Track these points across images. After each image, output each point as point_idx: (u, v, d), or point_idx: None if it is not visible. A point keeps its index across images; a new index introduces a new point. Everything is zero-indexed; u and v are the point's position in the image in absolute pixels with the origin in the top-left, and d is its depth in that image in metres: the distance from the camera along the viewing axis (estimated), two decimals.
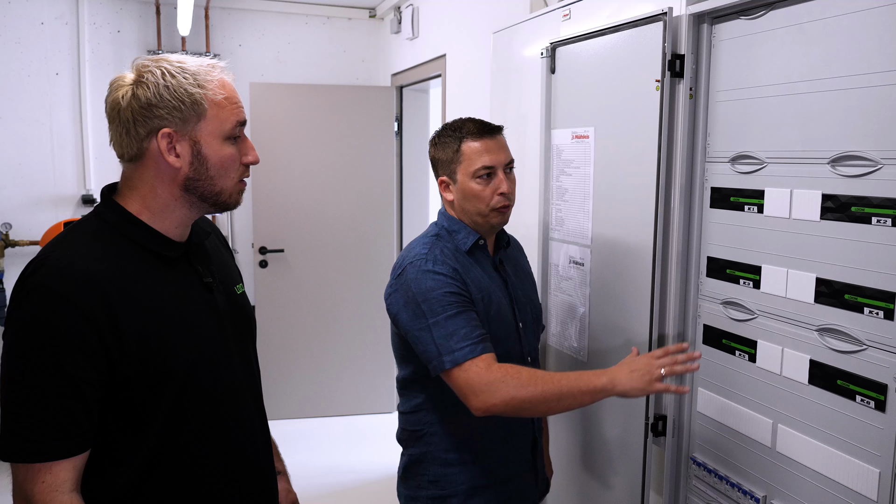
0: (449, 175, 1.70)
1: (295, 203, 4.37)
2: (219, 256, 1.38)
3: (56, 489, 1.08)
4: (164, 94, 1.15)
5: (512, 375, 1.47)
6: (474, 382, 1.48)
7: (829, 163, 1.32)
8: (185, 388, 1.19)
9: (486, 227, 1.70)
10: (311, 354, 4.47)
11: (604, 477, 2.02)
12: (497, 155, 1.66)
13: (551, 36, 2.13)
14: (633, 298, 1.83)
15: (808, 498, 1.40)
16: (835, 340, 1.33)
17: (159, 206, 1.21)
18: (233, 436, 1.28)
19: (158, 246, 1.21)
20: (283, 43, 4.60)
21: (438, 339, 1.52)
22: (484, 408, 1.47)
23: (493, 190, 1.66)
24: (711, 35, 1.60)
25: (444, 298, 1.55)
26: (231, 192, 1.24)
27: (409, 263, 1.62)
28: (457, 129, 1.69)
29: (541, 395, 1.45)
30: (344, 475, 3.78)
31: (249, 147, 1.26)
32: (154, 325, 1.15)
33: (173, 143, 1.17)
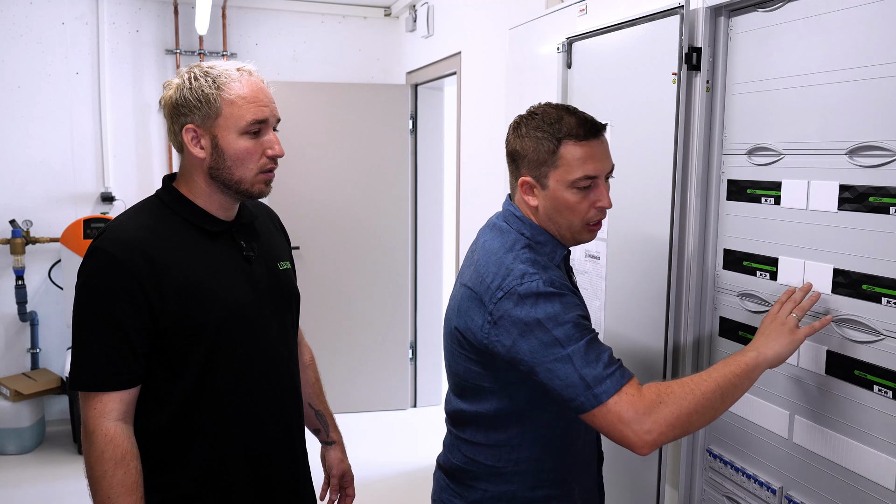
0: (537, 178, 1.41)
1: (310, 201, 4.41)
2: (267, 236, 1.57)
3: (104, 416, 1.30)
4: (187, 95, 1.36)
5: (665, 391, 1.25)
6: (630, 412, 1.23)
7: (847, 153, 1.32)
8: (216, 340, 1.37)
9: (573, 241, 1.46)
10: (326, 351, 4.49)
11: (617, 470, 2.03)
12: (602, 162, 1.39)
13: (567, 31, 2.14)
14: (649, 291, 1.84)
15: (825, 489, 1.40)
16: (852, 331, 1.33)
17: (199, 191, 1.42)
18: (265, 396, 1.45)
19: (203, 221, 1.41)
20: (298, 42, 4.63)
21: (582, 370, 1.26)
22: (651, 439, 1.23)
23: (592, 203, 1.40)
24: (728, 28, 1.60)
25: (579, 322, 1.30)
26: (252, 181, 1.40)
27: (517, 285, 1.32)
28: (554, 123, 1.40)
29: (702, 399, 1.24)
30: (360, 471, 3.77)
31: (272, 141, 1.40)
32: (190, 285, 1.34)
33: (198, 136, 1.37)
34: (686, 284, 1.72)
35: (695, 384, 1.26)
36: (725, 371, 1.28)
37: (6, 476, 3.68)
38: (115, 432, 1.29)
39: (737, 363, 1.29)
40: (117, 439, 1.29)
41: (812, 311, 1.41)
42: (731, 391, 1.27)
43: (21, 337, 4.21)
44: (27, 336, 4.21)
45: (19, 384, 3.95)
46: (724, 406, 1.28)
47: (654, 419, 1.23)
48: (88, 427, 1.30)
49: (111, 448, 1.28)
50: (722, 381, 1.26)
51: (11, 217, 4.09)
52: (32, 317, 4.17)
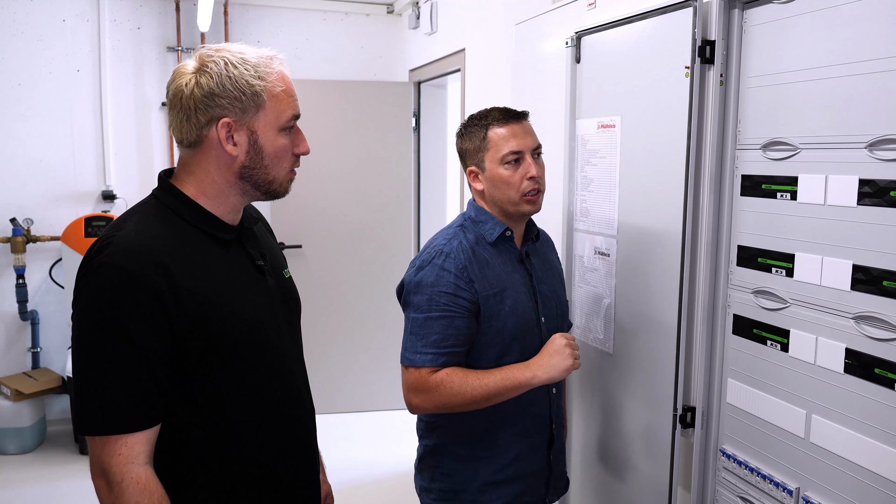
0: (477, 164, 1.69)
1: (313, 199, 4.38)
2: (267, 241, 1.43)
3: (131, 461, 1.12)
4: (227, 84, 1.18)
5: (446, 384, 1.57)
6: (414, 386, 1.60)
7: (867, 147, 1.29)
8: (238, 367, 1.23)
9: (518, 215, 1.68)
10: (329, 350, 4.47)
11: (628, 472, 2.00)
12: (524, 139, 1.65)
13: (575, 26, 2.11)
14: (660, 289, 1.81)
15: (844, 489, 1.38)
16: (872, 328, 1.30)
17: (214, 192, 1.25)
18: (284, 416, 1.33)
19: (214, 228, 1.25)
20: (301, 39, 4.60)
21: (410, 336, 1.62)
22: (418, 409, 1.62)
23: (522, 175, 1.64)
24: (742, 20, 1.57)
25: (435, 298, 1.59)
26: (283, 181, 1.29)
27: (426, 252, 1.66)
28: (482, 118, 1.69)
29: (469, 401, 1.57)
30: (360, 471, 3.78)
31: (302, 138, 1.30)
32: (213, 303, 1.19)
33: (232, 132, 1.21)
34: (698, 281, 1.70)
35: (471, 386, 1.56)
36: (500, 384, 1.56)
37: (7, 476, 3.65)
38: (147, 478, 1.13)
39: (513, 379, 1.57)
40: (151, 485, 1.13)
41: (829, 308, 1.38)
42: (497, 399, 1.58)
43: (22, 336, 4.18)
44: (28, 335, 4.18)
45: (20, 383, 3.92)
46: (487, 405, 1.59)
47: (423, 398, 1.59)
48: (114, 476, 1.11)
49: (147, 497, 1.12)
50: (493, 391, 1.56)
51: (12, 215, 4.06)
52: (33, 316, 4.14)
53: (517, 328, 1.65)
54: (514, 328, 1.65)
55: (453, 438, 1.70)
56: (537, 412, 1.73)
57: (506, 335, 1.64)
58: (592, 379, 2.13)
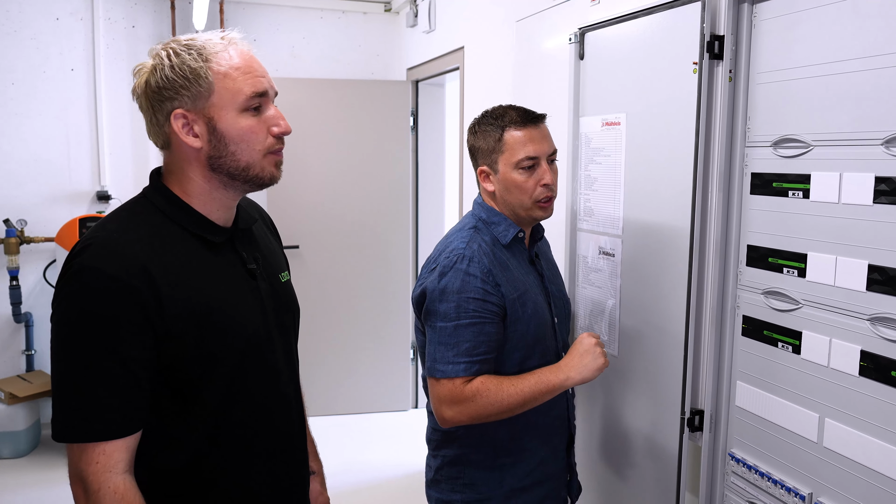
0: (490, 165, 1.64)
1: (310, 199, 4.34)
2: (266, 242, 1.37)
3: (109, 470, 1.08)
4: (170, 74, 1.12)
5: (482, 393, 1.50)
6: (448, 398, 1.52)
7: (883, 144, 1.26)
8: (234, 373, 1.18)
9: (528, 220, 1.65)
10: (327, 352, 4.43)
11: (635, 476, 1.97)
12: (541, 145, 1.60)
13: (578, 21, 2.08)
14: (667, 290, 1.77)
15: (859, 495, 1.34)
16: (889, 330, 1.27)
17: (196, 191, 1.19)
18: (275, 424, 1.28)
19: (204, 230, 1.19)
20: (298, 38, 4.56)
21: (439, 346, 1.52)
22: (451, 422, 1.54)
23: (537, 181, 1.60)
24: (752, 15, 1.54)
25: (464, 304, 1.52)
26: (261, 165, 1.18)
27: (444, 258, 1.57)
28: (499, 117, 1.62)
29: (506, 408, 1.51)
30: (360, 474, 3.74)
31: (277, 117, 1.19)
32: (198, 309, 1.14)
33: (189, 122, 1.14)
34: (707, 282, 1.66)
35: (506, 394, 1.50)
36: (535, 388, 1.52)
37: (1, 480, 3.61)
38: (125, 488, 1.09)
39: (547, 382, 1.53)
40: (129, 495, 1.09)
41: (843, 309, 1.35)
42: (532, 403, 1.53)
43: (16, 338, 4.13)
44: (22, 337, 4.13)
45: (14, 386, 3.87)
46: (520, 412, 1.54)
47: (458, 409, 1.51)
48: (91, 485, 1.07)
49: None
50: (528, 396, 1.51)
51: (5, 216, 4.00)
52: (27, 318, 4.09)
53: (538, 331, 1.62)
54: (536, 331, 1.61)
55: (475, 447, 1.64)
56: (557, 413, 1.70)
57: (529, 338, 1.60)
58: (598, 382, 2.09)
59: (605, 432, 2.09)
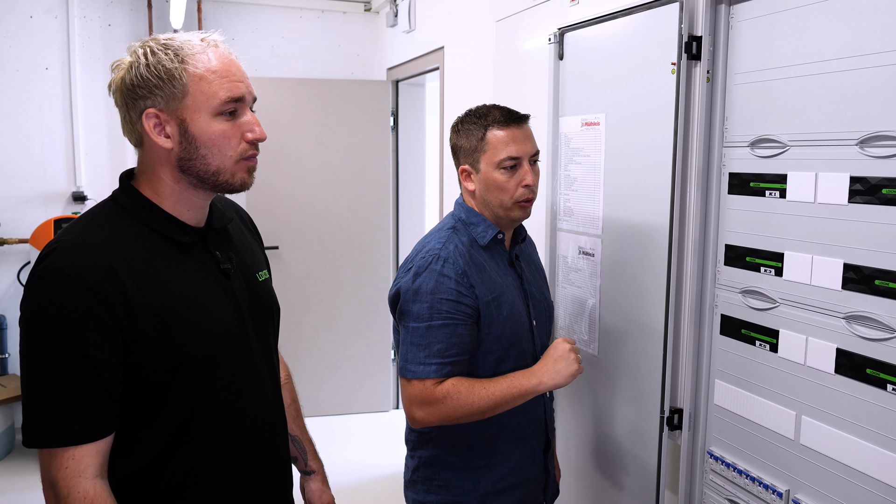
0: (472, 164, 1.63)
1: (289, 199, 4.30)
2: (243, 241, 1.35)
3: (79, 475, 1.07)
4: (145, 73, 1.11)
5: (452, 395, 1.50)
6: (418, 399, 1.52)
7: (858, 144, 1.27)
8: (205, 374, 1.17)
9: (508, 220, 1.64)
10: (307, 352, 4.40)
11: (615, 475, 1.97)
12: (523, 145, 1.60)
13: (557, 22, 2.08)
14: (646, 289, 1.78)
15: (835, 491, 1.35)
16: (864, 328, 1.28)
17: (166, 191, 1.18)
18: (252, 425, 1.26)
19: (173, 230, 1.18)
20: (277, 37, 4.53)
21: (411, 346, 1.53)
22: (421, 423, 1.55)
23: (518, 182, 1.59)
24: (730, 16, 1.55)
25: (437, 305, 1.51)
26: (232, 171, 1.17)
27: (420, 258, 1.58)
28: (482, 116, 1.62)
29: (476, 411, 1.52)
30: (342, 475, 3.72)
31: (253, 123, 1.18)
32: (168, 311, 1.12)
33: (161, 123, 1.13)
34: (686, 282, 1.67)
35: (477, 397, 1.50)
36: (507, 392, 1.52)
37: None
38: (95, 492, 1.07)
39: (519, 387, 1.53)
40: (99, 500, 1.07)
41: (819, 307, 1.36)
42: (503, 407, 1.53)
43: None
44: None
45: None
46: (492, 415, 1.54)
47: (428, 411, 1.52)
48: (60, 491, 1.06)
49: None
50: (499, 400, 1.52)
51: None
52: (1, 321, 4.02)
53: (514, 333, 1.61)
54: (512, 333, 1.60)
55: (450, 449, 1.64)
56: (533, 417, 1.69)
57: (504, 341, 1.59)
58: (578, 382, 2.09)
59: (584, 431, 2.09)
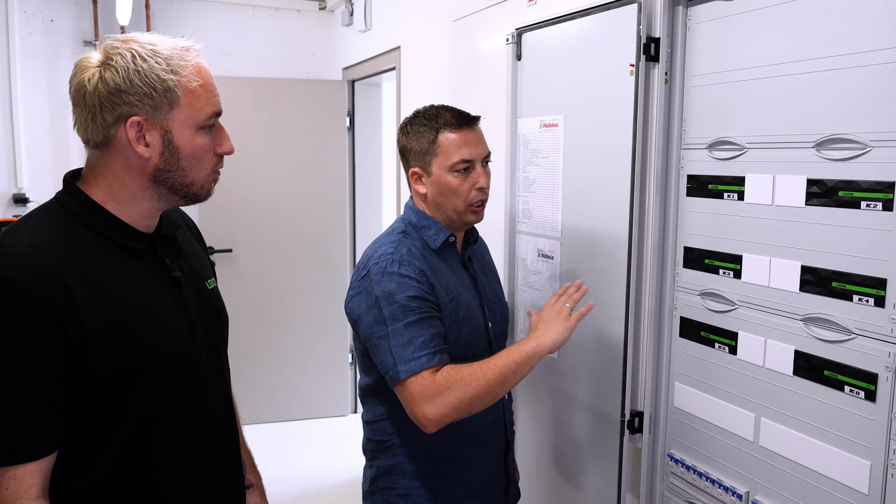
0: (422, 167, 1.59)
1: (243, 201, 4.21)
2: (190, 249, 1.32)
3: (21, 496, 1.01)
4: (135, 79, 1.07)
5: (455, 379, 1.42)
6: (422, 394, 1.41)
7: (815, 147, 1.28)
8: (157, 385, 1.13)
9: (461, 223, 1.62)
10: (263, 358, 4.31)
11: (576, 478, 1.96)
12: (476, 148, 1.58)
13: (515, 22, 2.06)
14: (606, 292, 1.77)
15: (794, 493, 1.36)
16: (821, 330, 1.29)
17: (125, 196, 1.14)
18: (203, 439, 1.23)
19: (123, 237, 1.14)
20: (229, 35, 4.42)
21: (395, 349, 1.45)
22: (435, 419, 1.41)
23: (472, 185, 1.57)
24: (687, 18, 1.55)
25: (406, 304, 1.47)
26: (203, 183, 1.18)
27: (373, 264, 1.53)
28: (432, 118, 1.59)
29: (486, 386, 1.42)
30: (298, 482, 3.65)
31: (224, 137, 1.20)
32: (118, 320, 1.08)
33: (143, 131, 1.10)
34: (645, 284, 1.66)
35: (481, 371, 1.43)
36: (508, 360, 1.45)
37: None
38: None
39: (518, 352, 1.46)
40: None
41: (777, 309, 1.37)
42: (512, 377, 1.45)
43: None
44: None
45: None
46: (503, 390, 1.47)
47: (439, 402, 1.40)
48: None
49: None
50: (504, 370, 1.44)
51: None
52: None
53: (471, 335, 1.59)
54: (469, 335, 1.58)
55: (409, 457, 1.60)
56: (493, 420, 1.67)
57: (462, 344, 1.56)
58: (538, 385, 2.08)
59: (545, 435, 2.08)
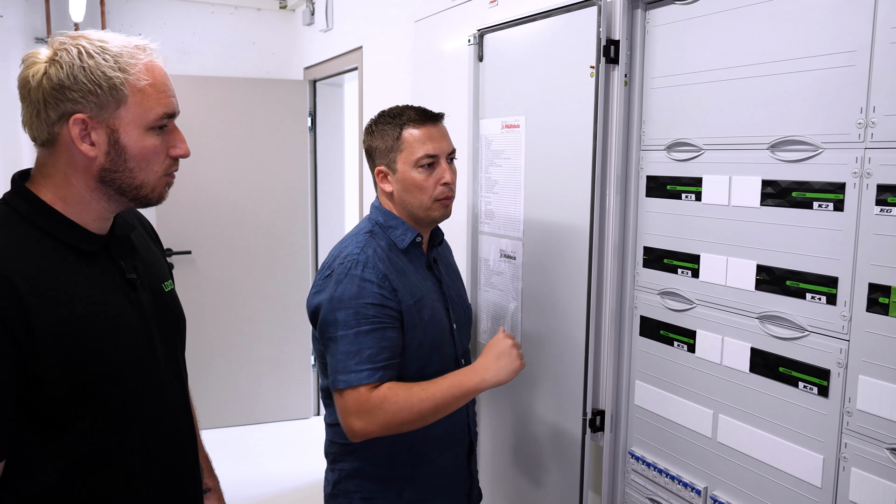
0: (388, 164, 1.59)
1: (202, 203, 4.13)
2: (146, 250, 1.28)
3: None
4: (80, 75, 1.04)
5: (390, 399, 1.44)
6: (354, 408, 1.44)
7: (769, 148, 1.31)
8: (111, 391, 1.10)
9: (427, 220, 1.62)
10: (224, 361, 4.24)
11: (538, 478, 1.97)
12: (440, 143, 1.58)
13: (477, 23, 2.06)
14: (568, 292, 1.78)
15: (750, 487, 1.39)
16: (776, 327, 1.32)
17: (74, 198, 1.10)
18: (160, 448, 1.20)
19: (75, 238, 1.10)
20: (187, 33, 4.35)
21: (340, 356, 1.46)
22: (362, 434, 1.45)
23: (437, 180, 1.57)
24: (646, 21, 1.57)
25: (362, 311, 1.47)
26: (154, 186, 1.14)
27: (338, 264, 1.52)
28: (396, 116, 1.60)
29: (417, 415, 1.45)
30: (260, 486, 3.60)
31: (179, 139, 1.16)
32: (71, 324, 1.05)
33: (88, 129, 1.07)
34: (606, 284, 1.68)
35: (418, 399, 1.44)
36: (448, 393, 1.47)
37: None
38: None
39: (460, 386, 1.48)
40: None
41: (734, 308, 1.39)
42: (446, 409, 1.48)
43: None
44: None
45: None
46: (436, 419, 1.49)
47: (367, 419, 1.44)
48: None
49: None
50: (441, 402, 1.46)
51: None
52: None
53: (436, 338, 1.58)
54: (434, 338, 1.58)
55: (373, 459, 1.59)
56: (457, 421, 1.67)
57: (426, 346, 1.56)
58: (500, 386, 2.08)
59: (508, 435, 2.08)
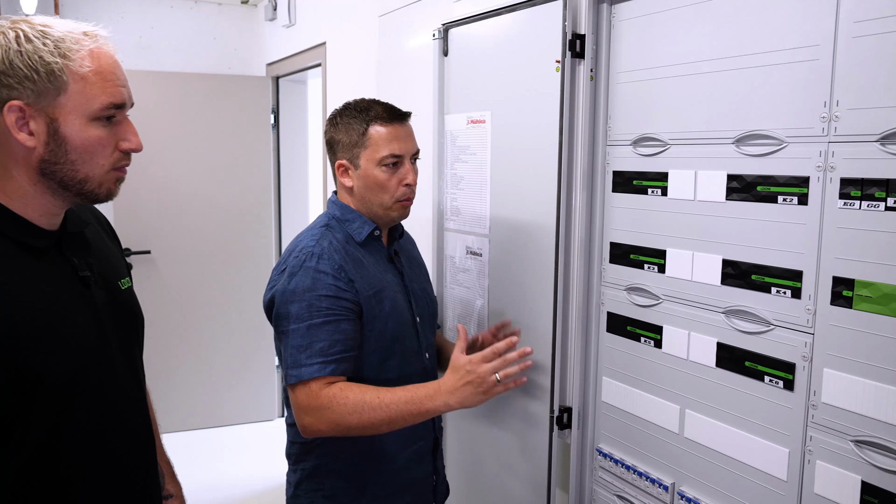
0: (350, 159, 1.57)
1: (162, 201, 4.05)
2: (101, 247, 1.23)
3: None
4: (15, 60, 0.99)
5: (338, 400, 1.40)
6: (304, 404, 1.42)
7: (734, 143, 1.31)
8: (63, 392, 1.05)
9: (386, 220, 1.60)
10: (186, 363, 4.16)
11: (506, 475, 1.96)
12: (406, 143, 1.57)
13: (441, 17, 2.04)
14: (534, 288, 1.77)
15: (717, 482, 1.39)
16: (742, 322, 1.32)
17: (17, 191, 1.05)
18: (117, 453, 1.16)
19: (21, 234, 1.05)
20: (146, 27, 4.25)
21: (292, 349, 1.44)
22: (311, 431, 1.43)
23: (400, 180, 1.56)
24: (611, 15, 1.56)
25: (315, 303, 1.44)
26: (100, 181, 1.08)
27: (293, 258, 1.50)
28: (363, 111, 1.57)
29: (367, 422, 1.41)
30: (224, 490, 3.54)
31: (129, 132, 1.10)
32: (19, 324, 1.00)
33: (26, 118, 1.02)
34: (573, 280, 1.67)
35: (368, 406, 1.39)
36: (403, 407, 1.41)
37: None
38: None
39: (419, 405, 1.42)
40: None
41: (700, 303, 1.39)
42: (400, 423, 1.43)
43: None
44: None
45: None
46: (388, 430, 1.44)
47: (316, 417, 1.41)
48: None
49: None
50: (395, 414, 1.41)
51: None
52: None
53: (397, 329, 1.56)
54: (395, 330, 1.55)
55: (335, 456, 1.56)
56: None
57: (387, 338, 1.54)
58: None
59: (475, 433, 2.06)
